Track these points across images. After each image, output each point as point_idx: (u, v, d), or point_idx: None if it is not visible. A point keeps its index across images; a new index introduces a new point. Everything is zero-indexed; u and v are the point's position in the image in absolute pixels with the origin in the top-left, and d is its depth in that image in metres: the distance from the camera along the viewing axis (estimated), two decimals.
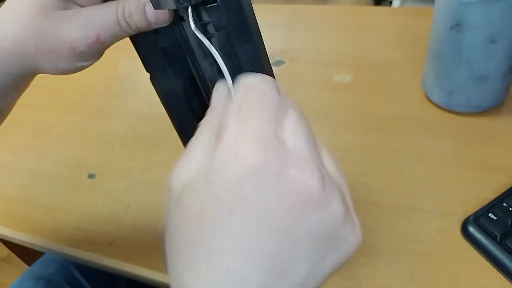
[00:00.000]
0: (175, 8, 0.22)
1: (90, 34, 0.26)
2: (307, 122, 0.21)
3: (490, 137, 0.47)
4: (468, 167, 0.44)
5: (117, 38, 0.27)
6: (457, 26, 0.44)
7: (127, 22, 0.26)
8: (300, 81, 0.61)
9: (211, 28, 0.23)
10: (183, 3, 0.22)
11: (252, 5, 0.24)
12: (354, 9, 0.82)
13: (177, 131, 0.31)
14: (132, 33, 0.26)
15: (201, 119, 0.30)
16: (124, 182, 0.51)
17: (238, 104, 0.21)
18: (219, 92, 0.24)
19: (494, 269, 0.36)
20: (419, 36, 0.63)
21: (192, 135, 0.31)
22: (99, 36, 0.26)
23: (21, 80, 0.30)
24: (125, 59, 0.71)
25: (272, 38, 0.70)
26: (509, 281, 0.35)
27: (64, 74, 0.28)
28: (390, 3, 1.82)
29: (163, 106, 0.30)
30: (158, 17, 0.25)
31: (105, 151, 0.56)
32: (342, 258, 0.21)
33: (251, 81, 0.22)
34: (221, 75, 0.24)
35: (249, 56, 0.24)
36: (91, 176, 0.53)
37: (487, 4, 0.41)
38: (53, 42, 0.26)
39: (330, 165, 0.21)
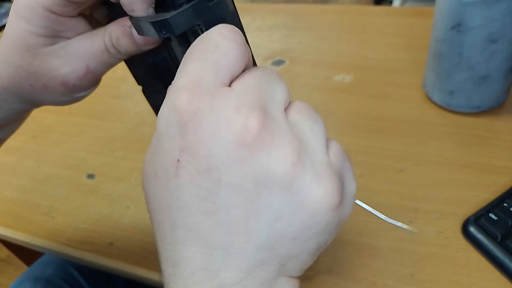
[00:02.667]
0: (158, 38, 0.22)
1: (79, 66, 0.25)
2: (275, 78, 0.20)
3: (490, 137, 0.47)
4: (468, 167, 0.44)
5: (108, 65, 0.26)
6: (457, 26, 0.43)
7: (115, 48, 0.25)
8: (300, 81, 0.61)
9: None
10: (165, 33, 0.21)
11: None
12: (354, 8, 0.81)
13: None
14: (123, 58, 0.26)
15: None
16: (124, 183, 0.51)
17: (188, 52, 0.20)
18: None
19: (495, 270, 0.36)
20: (420, 36, 0.63)
21: None
22: (89, 67, 0.25)
23: (23, 113, 0.31)
24: None
25: (272, 38, 0.70)
26: (510, 282, 0.35)
27: (64, 105, 0.28)
28: (390, 2, 1.82)
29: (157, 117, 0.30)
30: (146, 39, 0.25)
31: (104, 152, 0.56)
32: (311, 218, 0.18)
33: (211, 30, 0.19)
34: None
35: None
36: (90, 176, 0.53)
37: (487, 4, 0.41)
38: (45, 79, 0.26)
39: (299, 108, 0.20)
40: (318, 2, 2.17)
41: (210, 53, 0.18)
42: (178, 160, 0.18)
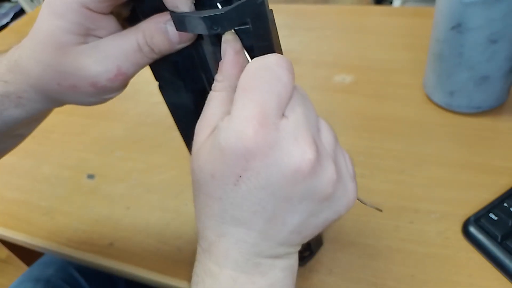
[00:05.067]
0: (207, 33, 0.22)
1: (111, 67, 0.25)
2: (308, 100, 0.24)
3: (491, 137, 0.47)
4: (469, 167, 0.44)
5: (139, 66, 0.25)
6: (458, 27, 0.43)
7: (149, 46, 0.24)
8: (301, 81, 0.60)
9: None
10: (216, 29, 0.21)
11: None
12: (354, 9, 0.81)
13: (184, 140, 0.31)
14: (156, 57, 0.25)
15: None
16: (124, 183, 0.51)
17: (250, 79, 0.21)
18: (232, 50, 0.23)
19: (495, 270, 0.36)
20: (420, 36, 0.63)
21: None
22: (120, 68, 0.25)
23: (45, 112, 0.31)
24: None
25: None
26: (510, 282, 0.35)
27: (89, 105, 0.28)
28: (391, 3, 1.81)
29: (171, 114, 0.30)
30: (181, 37, 0.24)
31: (104, 153, 0.56)
32: (334, 215, 0.24)
33: (268, 59, 0.22)
34: None
35: None
36: (90, 177, 0.53)
37: (487, 5, 0.40)
38: (74, 79, 0.25)
39: (326, 137, 0.24)
40: (319, 2, 2.16)
41: (274, 86, 0.21)
42: (240, 175, 0.21)
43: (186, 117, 0.29)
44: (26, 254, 0.70)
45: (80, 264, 0.46)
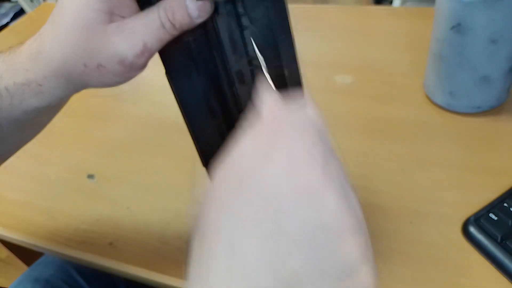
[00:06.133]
0: None
1: (137, 43, 0.25)
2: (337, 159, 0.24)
3: (491, 137, 0.47)
4: (469, 168, 0.44)
5: (162, 42, 0.26)
6: (457, 27, 0.43)
7: (170, 22, 0.25)
8: None
9: (245, 21, 0.24)
10: None
11: None
12: (354, 9, 0.81)
13: (189, 128, 0.31)
14: (176, 33, 0.26)
15: (218, 117, 0.30)
16: (124, 184, 0.51)
17: (286, 128, 0.22)
18: (266, 96, 0.23)
19: (495, 270, 0.36)
20: (421, 36, 0.63)
21: (206, 133, 0.31)
22: (146, 43, 0.26)
23: (66, 98, 0.31)
24: None
25: None
26: (510, 282, 0.35)
27: (111, 87, 0.28)
28: (391, 2, 1.81)
29: (177, 102, 0.30)
30: (200, 10, 0.25)
31: (105, 153, 0.56)
32: None
33: (307, 117, 0.23)
34: (251, 67, 0.26)
35: (287, 45, 0.25)
36: (90, 177, 0.53)
37: (487, 5, 0.40)
38: (101, 58, 0.26)
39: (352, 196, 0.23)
40: (319, 2, 2.16)
41: (311, 135, 0.23)
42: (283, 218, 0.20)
43: (194, 101, 0.29)
44: (26, 254, 0.70)
45: (80, 264, 0.46)
